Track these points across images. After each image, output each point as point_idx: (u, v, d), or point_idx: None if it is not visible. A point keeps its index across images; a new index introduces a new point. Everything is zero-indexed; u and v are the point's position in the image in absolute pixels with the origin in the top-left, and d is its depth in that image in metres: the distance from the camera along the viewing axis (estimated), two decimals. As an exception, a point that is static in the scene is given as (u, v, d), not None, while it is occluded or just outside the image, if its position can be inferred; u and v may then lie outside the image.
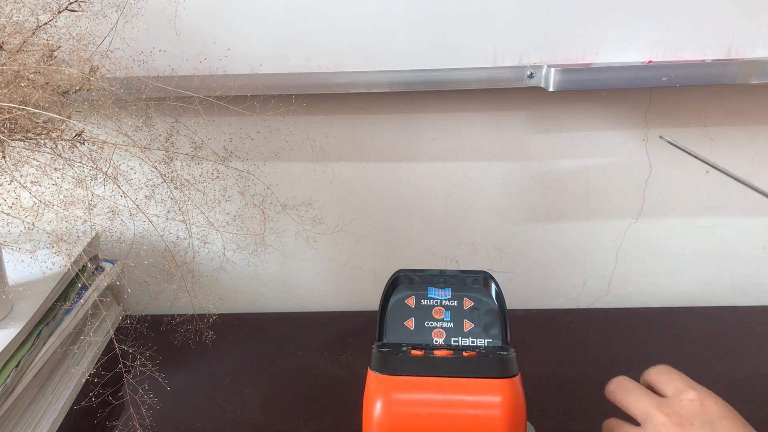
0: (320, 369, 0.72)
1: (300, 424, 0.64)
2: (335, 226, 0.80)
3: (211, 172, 0.65)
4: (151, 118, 0.61)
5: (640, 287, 0.85)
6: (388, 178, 0.79)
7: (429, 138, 0.76)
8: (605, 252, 0.83)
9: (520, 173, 0.78)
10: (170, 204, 0.62)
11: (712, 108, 0.75)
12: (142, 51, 0.62)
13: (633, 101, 0.74)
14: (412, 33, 0.67)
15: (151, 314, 0.79)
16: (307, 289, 0.86)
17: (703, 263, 0.84)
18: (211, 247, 0.78)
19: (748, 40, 0.66)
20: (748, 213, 0.81)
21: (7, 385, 0.56)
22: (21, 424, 0.60)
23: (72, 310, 0.68)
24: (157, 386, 0.65)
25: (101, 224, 0.60)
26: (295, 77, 0.68)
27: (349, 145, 0.77)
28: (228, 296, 0.85)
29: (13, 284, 0.63)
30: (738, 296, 0.86)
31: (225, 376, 0.71)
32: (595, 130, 0.76)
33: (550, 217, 0.81)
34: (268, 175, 0.75)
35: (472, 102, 0.74)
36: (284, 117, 0.69)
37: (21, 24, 0.52)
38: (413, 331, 0.49)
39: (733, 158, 0.77)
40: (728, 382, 0.68)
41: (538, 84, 0.68)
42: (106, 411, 0.64)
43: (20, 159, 0.51)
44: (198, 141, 0.65)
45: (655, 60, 0.67)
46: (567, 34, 0.67)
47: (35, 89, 0.50)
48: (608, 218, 0.81)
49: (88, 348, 0.72)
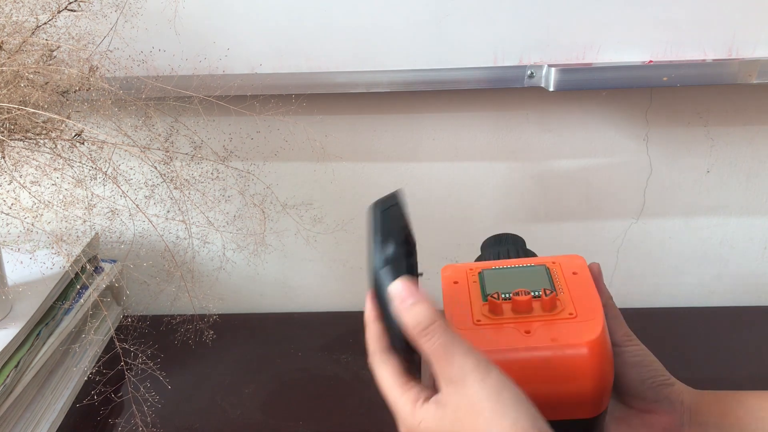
0: (320, 369, 0.72)
1: (300, 424, 0.64)
2: (335, 225, 0.80)
3: (211, 172, 0.65)
4: (151, 118, 0.61)
5: (640, 287, 0.85)
6: (388, 178, 0.78)
7: (429, 138, 0.76)
8: (605, 252, 0.83)
9: (520, 173, 0.78)
10: (170, 204, 0.62)
11: (712, 108, 0.74)
12: (142, 51, 0.62)
13: (633, 101, 0.74)
14: (412, 33, 0.67)
15: (151, 314, 0.79)
16: (307, 289, 0.86)
17: (703, 263, 0.84)
18: (211, 247, 0.78)
19: (748, 40, 0.66)
20: (749, 213, 0.81)
21: (6, 385, 0.56)
22: (21, 424, 0.60)
23: (71, 311, 0.68)
24: (157, 385, 0.65)
25: (101, 224, 0.60)
26: (295, 77, 0.68)
27: (349, 145, 0.77)
28: (228, 296, 0.85)
29: (12, 284, 0.63)
30: (738, 296, 0.85)
31: (225, 376, 0.71)
32: (595, 130, 0.76)
33: (550, 217, 0.81)
34: (268, 174, 0.75)
35: (472, 102, 0.74)
36: (284, 117, 0.69)
37: (20, 24, 0.52)
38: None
39: (733, 158, 0.77)
40: (728, 382, 0.68)
41: (538, 84, 0.68)
42: (108, 409, 0.64)
43: (20, 159, 0.51)
44: (198, 141, 0.65)
45: (655, 60, 0.67)
46: (567, 34, 0.67)
47: (35, 89, 0.50)
48: (608, 218, 0.81)
49: (89, 347, 0.71)
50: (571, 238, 0.82)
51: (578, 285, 0.42)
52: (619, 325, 0.44)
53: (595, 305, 0.39)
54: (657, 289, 0.85)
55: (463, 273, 0.45)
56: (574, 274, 0.43)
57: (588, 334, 0.37)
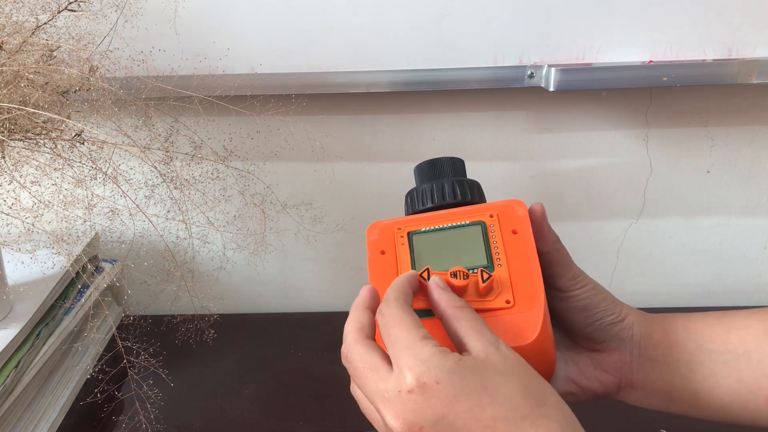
0: (320, 369, 0.72)
1: (300, 424, 0.64)
2: (335, 225, 0.80)
3: (211, 172, 0.65)
4: (151, 118, 0.61)
5: (641, 287, 0.85)
6: (388, 178, 0.78)
7: (429, 138, 0.76)
8: (606, 252, 0.83)
9: (520, 173, 0.78)
10: (170, 204, 0.62)
11: (712, 108, 0.74)
12: (142, 51, 0.62)
13: (633, 101, 0.74)
14: (412, 33, 0.67)
15: (152, 314, 0.79)
16: (307, 289, 0.86)
17: (703, 263, 0.84)
18: (211, 247, 0.78)
19: (748, 40, 0.66)
20: (749, 213, 0.81)
21: (6, 385, 0.56)
22: (21, 424, 0.60)
23: (72, 310, 0.68)
24: (159, 383, 0.65)
25: (101, 224, 0.60)
26: (295, 77, 0.68)
27: (349, 145, 0.77)
28: (228, 296, 0.85)
29: (13, 284, 0.63)
30: (738, 296, 0.85)
31: (225, 376, 0.71)
32: (595, 130, 0.76)
33: (550, 217, 0.81)
34: (268, 174, 0.75)
35: (472, 102, 0.74)
36: (284, 117, 0.69)
37: (20, 24, 0.52)
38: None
39: (733, 158, 0.77)
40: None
41: (538, 84, 0.68)
42: (111, 406, 0.64)
43: (20, 159, 0.51)
44: (198, 141, 0.65)
45: (655, 60, 0.67)
46: (567, 34, 0.67)
47: (35, 89, 0.50)
48: (608, 218, 0.81)
49: (90, 346, 0.72)
50: (571, 238, 0.82)
51: (518, 250, 0.39)
52: (567, 269, 0.42)
53: (534, 282, 0.37)
54: (657, 289, 0.85)
55: (390, 236, 0.41)
56: (514, 234, 0.40)
57: (525, 335, 0.34)
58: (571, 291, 0.42)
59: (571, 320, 0.42)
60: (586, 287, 0.42)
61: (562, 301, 0.42)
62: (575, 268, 0.42)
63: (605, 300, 0.42)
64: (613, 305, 0.43)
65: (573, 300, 0.42)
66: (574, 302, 0.42)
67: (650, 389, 0.42)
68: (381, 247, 0.41)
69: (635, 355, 0.42)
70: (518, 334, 0.35)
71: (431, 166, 0.45)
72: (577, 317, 0.42)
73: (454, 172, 0.45)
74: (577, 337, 0.43)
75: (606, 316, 0.42)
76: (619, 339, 0.42)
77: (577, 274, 0.42)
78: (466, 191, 0.43)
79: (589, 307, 0.42)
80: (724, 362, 0.40)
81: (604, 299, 0.42)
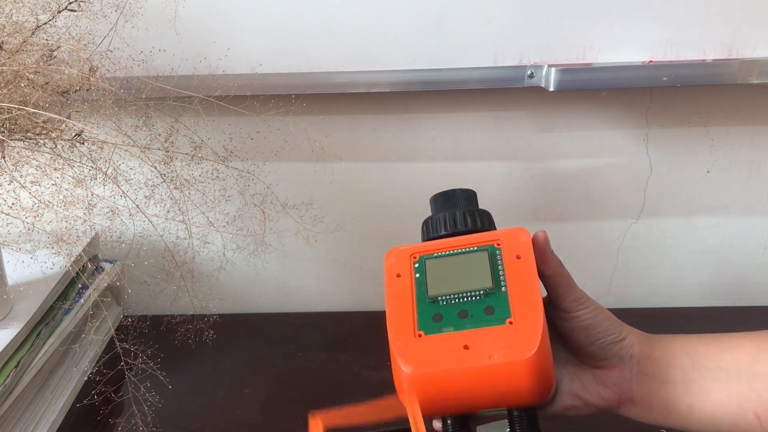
0: (320, 369, 0.72)
1: (300, 424, 0.64)
2: (335, 225, 0.80)
3: (211, 172, 0.65)
4: (151, 118, 0.61)
5: (641, 287, 0.85)
6: (388, 178, 0.78)
7: (429, 138, 0.76)
8: (606, 252, 0.83)
9: (520, 173, 0.78)
10: (170, 204, 0.62)
11: (712, 108, 0.74)
12: (142, 51, 0.62)
13: (633, 101, 0.74)
14: (412, 33, 0.67)
15: (151, 314, 0.79)
16: (307, 289, 0.86)
17: (703, 263, 0.84)
18: (211, 247, 0.78)
19: (748, 40, 0.66)
20: (749, 213, 0.81)
21: (6, 385, 0.56)
22: (21, 424, 0.60)
23: (72, 311, 0.68)
24: (157, 385, 0.65)
25: (101, 224, 0.60)
26: (295, 77, 0.68)
27: (349, 145, 0.77)
28: (228, 296, 0.85)
29: (12, 284, 0.63)
30: (738, 296, 0.85)
31: (225, 376, 0.71)
32: (595, 130, 0.76)
33: (550, 217, 0.81)
34: (268, 174, 0.75)
35: (472, 102, 0.74)
36: (284, 117, 0.69)
37: (21, 24, 0.52)
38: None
39: (733, 158, 0.77)
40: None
41: (538, 84, 0.68)
42: (108, 408, 0.64)
43: (20, 159, 0.51)
44: (198, 141, 0.65)
45: (655, 60, 0.67)
46: (567, 34, 0.67)
47: (35, 89, 0.50)
48: (608, 218, 0.81)
49: (89, 347, 0.72)
50: (571, 238, 0.82)
51: (520, 275, 0.41)
52: (569, 291, 0.44)
53: (534, 303, 0.39)
54: (657, 289, 0.85)
55: (405, 261, 0.45)
56: (518, 259, 0.42)
57: (525, 349, 0.37)
58: (574, 312, 0.44)
59: (575, 339, 0.45)
60: (588, 308, 0.44)
61: (566, 321, 0.44)
62: (578, 291, 0.45)
63: (606, 320, 0.45)
64: (614, 326, 0.45)
65: (576, 320, 0.44)
66: (577, 322, 0.44)
67: (648, 404, 0.44)
68: (397, 270, 0.44)
69: (635, 372, 0.44)
70: (517, 350, 0.37)
71: (445, 197, 0.49)
72: (581, 336, 0.44)
73: (467, 202, 0.48)
74: (580, 355, 0.46)
75: (607, 336, 0.44)
76: (619, 357, 0.44)
77: (579, 296, 0.44)
78: (476, 220, 0.46)
79: (591, 327, 0.44)
80: (717, 379, 0.42)
81: (605, 320, 0.44)
